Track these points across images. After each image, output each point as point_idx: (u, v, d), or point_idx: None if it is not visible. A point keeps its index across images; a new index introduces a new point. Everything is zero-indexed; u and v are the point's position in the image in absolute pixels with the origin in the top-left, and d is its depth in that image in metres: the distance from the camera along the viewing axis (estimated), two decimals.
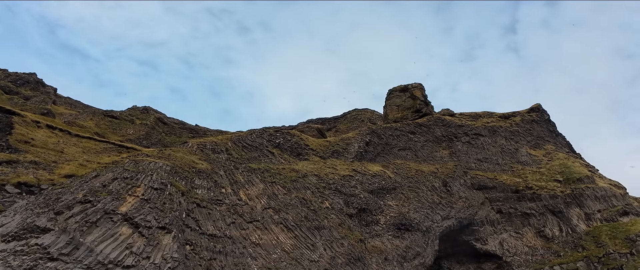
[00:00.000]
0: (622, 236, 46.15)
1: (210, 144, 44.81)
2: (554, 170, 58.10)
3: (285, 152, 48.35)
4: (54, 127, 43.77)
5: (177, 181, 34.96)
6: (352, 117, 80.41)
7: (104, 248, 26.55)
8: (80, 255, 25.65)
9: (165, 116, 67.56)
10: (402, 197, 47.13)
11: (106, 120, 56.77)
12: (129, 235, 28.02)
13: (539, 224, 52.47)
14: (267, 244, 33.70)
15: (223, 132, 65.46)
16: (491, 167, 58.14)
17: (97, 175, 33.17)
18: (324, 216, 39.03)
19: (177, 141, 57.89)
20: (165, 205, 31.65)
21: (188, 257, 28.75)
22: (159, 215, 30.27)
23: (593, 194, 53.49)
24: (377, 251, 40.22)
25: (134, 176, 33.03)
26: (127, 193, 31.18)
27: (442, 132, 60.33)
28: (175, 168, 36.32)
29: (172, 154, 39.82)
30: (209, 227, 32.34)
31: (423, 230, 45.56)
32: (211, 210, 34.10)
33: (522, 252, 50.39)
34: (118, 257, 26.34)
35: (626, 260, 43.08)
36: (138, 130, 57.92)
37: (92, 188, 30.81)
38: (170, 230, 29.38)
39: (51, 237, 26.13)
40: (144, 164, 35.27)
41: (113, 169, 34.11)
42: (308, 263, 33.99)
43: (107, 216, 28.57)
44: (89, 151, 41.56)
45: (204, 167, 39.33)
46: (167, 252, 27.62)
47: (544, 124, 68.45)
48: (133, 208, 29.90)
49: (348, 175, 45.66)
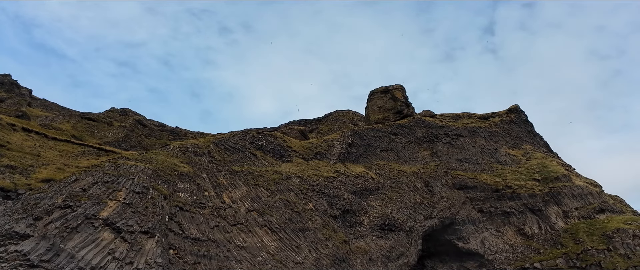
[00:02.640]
0: (599, 233, 47.73)
1: (192, 146, 44.55)
2: (533, 170, 59.72)
3: (268, 154, 48.46)
4: (30, 130, 42.84)
5: (159, 185, 34.75)
6: (334, 119, 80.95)
7: (85, 254, 26.30)
8: (61, 261, 25.36)
9: (144, 118, 66.69)
10: (385, 198, 47.84)
11: (83, 122, 55.70)
12: (111, 241, 27.82)
13: (519, 222, 53.87)
14: (251, 247, 33.83)
15: (204, 134, 65.05)
16: (471, 167, 59.42)
17: (76, 180, 32.74)
18: (308, 218, 39.37)
19: (157, 144, 57.27)
20: (148, 209, 31.48)
21: (172, 262, 28.68)
22: (142, 220, 30.11)
23: (570, 192, 55.13)
24: (361, 252, 40.79)
25: (115, 180, 32.73)
26: (108, 197, 30.91)
27: (423, 133, 61.39)
28: (156, 171, 36.07)
29: (154, 157, 39.51)
30: (192, 231, 32.29)
31: (406, 230, 46.35)
32: (194, 214, 34.05)
33: (503, 250, 51.70)
34: (100, 263, 26.14)
35: (603, 256, 44.62)
36: (117, 133, 57.03)
37: (71, 193, 30.44)
38: (153, 235, 29.28)
39: (31, 244, 25.77)
40: (124, 168, 34.96)
41: (93, 172, 33.72)
42: (293, 265, 34.27)
43: (88, 221, 28.30)
44: (66, 155, 40.81)
45: (186, 170, 39.16)
46: (150, 257, 27.53)
47: (522, 125, 70.31)
48: (114, 213, 29.68)
49: (331, 177, 46.10)
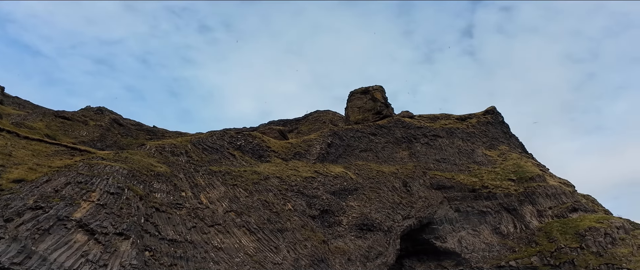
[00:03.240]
0: (572, 231, 49.22)
1: (169, 146, 44.04)
2: (508, 170, 61.18)
3: (247, 154, 48.30)
4: (1, 129, 41.67)
5: (135, 185, 34.29)
6: (313, 119, 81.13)
7: (58, 256, 25.78)
8: (33, 264, 24.80)
9: (121, 117, 65.42)
10: (364, 198, 48.28)
11: (57, 121, 54.31)
12: (84, 243, 27.34)
13: (495, 221, 55.10)
14: (229, 248, 33.69)
15: (182, 134, 64.32)
16: (449, 168, 60.48)
17: (48, 180, 32.02)
18: (286, 218, 39.43)
19: (134, 143, 56.31)
20: (123, 210, 31.05)
21: (148, 264, 28.35)
22: (116, 221, 29.69)
23: (544, 192, 56.66)
24: (340, 252, 41.07)
25: (89, 180, 32.16)
26: (82, 198, 30.36)
27: (402, 133, 62.17)
28: (132, 171, 35.57)
29: (129, 157, 38.93)
30: (169, 232, 31.97)
31: (384, 230, 46.87)
32: (171, 215, 33.72)
33: (479, 249, 52.82)
34: (73, 265, 25.66)
35: (576, 254, 46.03)
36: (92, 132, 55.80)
37: (43, 193, 29.78)
38: (128, 236, 28.89)
39: (1, 246, 25.12)
40: (99, 168, 34.37)
41: (66, 173, 33.02)
42: (271, 266, 34.29)
43: (61, 223, 27.75)
44: (39, 154, 39.82)
45: (162, 170, 38.72)
46: (125, 259, 27.17)
47: (499, 126, 71.95)
48: (88, 214, 29.18)
49: (310, 177, 46.26)
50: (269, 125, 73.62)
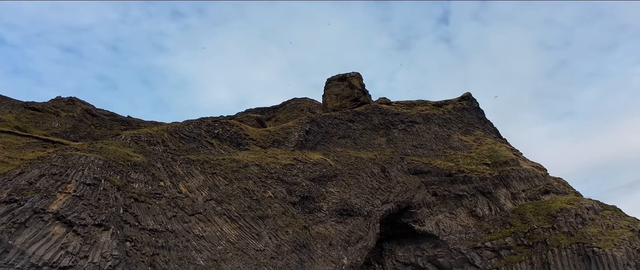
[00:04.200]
0: (544, 213, 51.30)
1: (145, 135, 43.70)
2: (483, 155, 63.04)
3: (225, 143, 48.37)
4: None
5: (112, 176, 34.08)
6: (291, 107, 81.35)
7: (36, 249, 25.62)
8: (10, 258, 24.60)
9: (93, 107, 64.10)
10: (343, 184, 49.19)
11: (27, 112, 52.88)
12: (62, 235, 27.21)
13: (471, 204, 56.94)
14: (211, 236, 34.03)
15: (158, 123, 63.55)
16: (426, 153, 61.95)
17: (21, 173, 31.47)
18: (267, 205, 39.94)
19: (108, 134, 55.43)
20: (100, 201, 30.90)
21: (129, 254, 28.47)
22: (94, 212, 29.58)
23: (518, 175, 58.67)
24: (321, 237, 41.92)
25: (64, 172, 31.79)
26: (57, 190, 30.05)
27: (380, 120, 63.19)
28: (108, 162, 35.27)
29: (104, 147, 38.53)
30: (149, 222, 32.05)
31: (364, 215, 47.98)
32: (150, 205, 33.75)
33: (456, 231, 54.62)
34: (53, 258, 25.57)
35: (549, 234, 48.10)
36: (64, 124, 54.62)
37: (17, 186, 29.32)
38: (107, 227, 28.87)
39: None
40: (73, 159, 33.93)
41: (39, 165, 32.48)
42: (254, 252, 34.84)
43: (37, 216, 27.49)
44: (9, 147, 38.97)
45: (139, 160, 38.52)
46: (106, 250, 27.22)
47: (474, 112, 73.77)
48: (65, 206, 28.96)
49: (289, 164, 46.78)
50: (247, 114, 73.51)
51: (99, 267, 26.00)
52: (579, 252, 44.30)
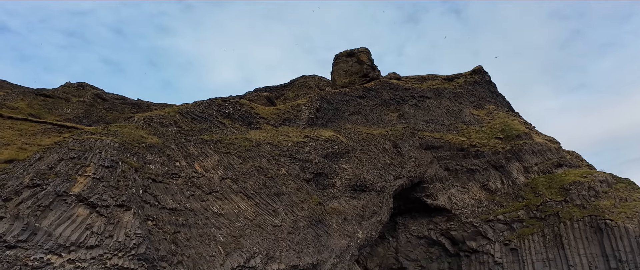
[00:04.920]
0: (557, 186, 51.71)
1: (157, 117, 44.41)
2: (495, 129, 63.20)
3: (236, 122, 49.03)
4: None
5: (128, 158, 34.94)
6: (299, 84, 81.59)
7: (62, 231, 26.73)
8: (39, 240, 25.74)
9: (103, 92, 64.94)
10: (356, 160, 49.90)
11: (39, 99, 53.80)
12: (86, 216, 28.28)
13: (483, 178, 57.52)
14: (229, 213, 35.07)
15: (168, 105, 64.40)
16: (437, 128, 62.26)
17: (40, 158, 32.45)
18: (281, 182, 40.85)
19: (120, 117, 56.40)
20: (120, 182, 31.85)
21: (152, 233, 29.57)
22: (115, 194, 30.56)
23: (530, 149, 58.86)
24: (336, 212, 42.94)
25: (82, 155, 32.71)
26: (77, 173, 31.00)
27: (390, 95, 63.37)
28: (123, 144, 36.08)
29: (119, 130, 39.35)
30: (168, 202, 33.06)
31: (377, 190, 48.84)
32: (168, 185, 34.72)
33: (469, 205, 55.41)
34: (79, 238, 26.68)
35: (561, 207, 48.64)
36: (76, 109, 55.56)
37: (38, 171, 30.30)
38: (129, 208, 29.87)
39: (4, 225, 25.88)
40: (89, 142, 34.81)
41: (57, 149, 33.41)
42: (271, 228, 35.93)
43: (60, 198, 28.52)
44: (26, 134, 40.00)
45: (154, 142, 39.34)
46: (129, 229, 28.28)
47: (486, 85, 73.52)
48: (86, 188, 29.95)
49: (301, 142, 47.46)
50: (256, 92, 73.91)
51: (124, 246, 27.11)
52: (591, 225, 44.84)
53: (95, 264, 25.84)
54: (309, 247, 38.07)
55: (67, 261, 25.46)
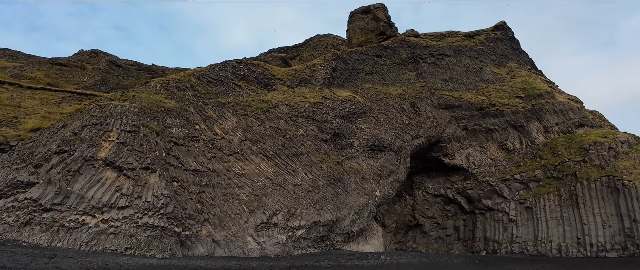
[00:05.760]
0: (576, 146, 51.75)
1: (174, 81, 45.48)
2: (517, 88, 62.68)
3: (252, 84, 49.87)
4: (3, 82, 43.07)
5: (149, 122, 36.37)
6: (314, 44, 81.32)
7: (94, 193, 28.58)
8: (72, 202, 27.63)
9: (117, 58, 66.02)
10: (373, 120, 50.72)
11: (55, 68, 55.20)
12: (115, 179, 30.07)
13: (502, 138, 57.80)
14: (250, 174, 36.66)
15: (183, 69, 65.27)
16: (457, 87, 62.08)
17: (64, 125, 34.07)
18: (300, 143, 42.13)
19: (136, 83, 57.56)
20: (143, 146, 33.44)
21: (178, 193, 31.31)
22: (140, 157, 32.20)
23: (552, 108, 58.42)
24: (354, 172, 44.30)
25: (103, 122, 34.20)
26: (101, 139, 32.61)
27: (408, 54, 63.05)
28: (143, 109, 37.41)
29: (137, 95, 40.59)
30: (191, 163, 34.67)
31: (395, 150, 49.88)
32: (190, 147, 36.26)
33: (486, 164, 56.13)
34: (110, 199, 28.53)
35: (579, 167, 48.87)
36: (92, 76, 56.97)
37: (63, 138, 31.98)
38: (154, 170, 31.56)
39: (39, 190, 27.77)
40: (110, 109, 36.23)
41: (79, 116, 34.94)
42: (292, 187, 37.53)
43: (88, 163, 30.26)
44: (47, 103, 41.58)
45: (172, 106, 40.63)
46: (156, 190, 30.02)
47: (508, 42, 72.19)
48: (112, 152, 31.62)
49: (318, 103, 48.31)
50: (270, 53, 74.12)
51: (153, 205, 28.90)
52: (609, 185, 45.11)
53: (128, 223, 27.76)
54: (329, 205, 39.78)
55: (101, 221, 27.40)
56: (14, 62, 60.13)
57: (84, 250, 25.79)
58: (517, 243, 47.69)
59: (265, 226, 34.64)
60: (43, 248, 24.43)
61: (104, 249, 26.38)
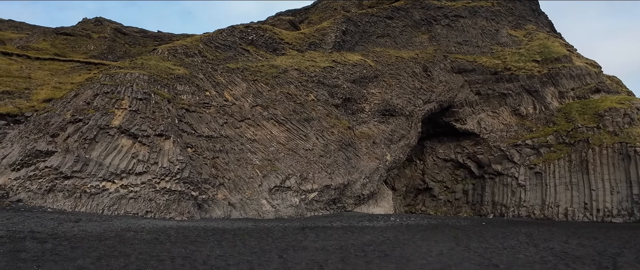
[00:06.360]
0: (591, 112, 51.95)
1: (181, 47, 46.09)
2: (533, 51, 62.32)
3: (261, 49, 50.38)
4: (10, 54, 44.01)
5: (159, 89, 37.37)
6: (323, 7, 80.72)
7: (112, 160, 30.03)
8: (91, 170, 29.12)
9: (122, 26, 66.41)
10: (384, 85, 51.37)
11: (61, 38, 55.94)
12: (131, 146, 31.44)
13: (515, 103, 58.15)
14: (262, 139, 37.97)
15: (189, 35, 65.70)
16: (471, 50, 61.97)
17: (76, 95, 35.15)
18: (311, 108, 43.14)
19: (143, 51, 58.23)
20: (156, 113, 34.60)
21: (192, 158, 32.72)
22: (153, 124, 33.42)
23: (569, 72, 58.24)
24: (365, 136, 45.46)
25: (114, 90, 35.21)
26: (114, 107, 33.73)
27: (421, 15, 62.72)
28: (152, 76, 38.31)
29: (145, 63, 41.39)
30: (203, 129, 35.93)
31: (406, 115, 50.75)
32: (201, 114, 37.43)
33: (497, 130, 56.87)
34: (128, 166, 29.98)
35: (592, 133, 49.24)
36: (99, 45, 57.73)
37: (77, 107, 33.14)
38: (168, 136, 32.84)
39: (58, 158, 29.23)
40: (119, 77, 37.16)
41: (90, 86, 35.89)
42: (304, 152, 38.87)
43: (103, 131, 31.55)
44: (57, 73, 42.66)
45: (182, 73, 41.52)
46: (171, 156, 31.41)
47: (526, 3, 70.97)
48: (125, 120, 32.85)
49: (329, 67, 48.91)
50: (278, 17, 74.01)
51: (170, 171, 30.37)
52: (620, 152, 45.51)
53: (146, 188, 29.31)
54: (340, 169, 41.19)
55: (121, 186, 28.97)
56: (19, 33, 60.97)
57: (106, 214, 27.44)
58: (524, 207, 49.06)
59: (279, 190, 36.24)
60: (68, 213, 26.06)
61: (126, 213, 28.03)
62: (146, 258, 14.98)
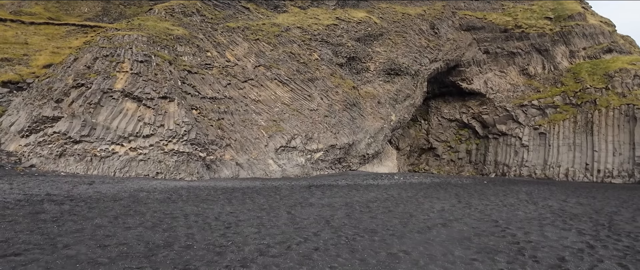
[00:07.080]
0: (601, 72, 52.23)
1: (178, 6, 46.15)
2: (546, 7, 61.70)
3: (261, 6, 50.55)
4: (4, 20, 44.27)
5: (159, 51, 37.96)
6: None
7: (118, 123, 31.30)
8: (99, 134, 30.46)
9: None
10: (390, 43, 51.91)
11: (53, 2, 55.94)
12: (136, 109, 32.63)
13: (524, 62, 58.40)
14: (266, 100, 39.16)
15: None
16: (481, 6, 61.62)
17: (76, 59, 35.74)
18: (315, 68, 44.05)
19: (139, 12, 58.39)
20: (158, 75, 35.53)
21: (198, 120, 34.03)
22: (156, 86, 34.44)
23: (581, 31, 57.79)
24: (370, 96, 46.57)
25: (114, 53, 35.76)
26: (115, 70, 34.50)
27: None
28: (151, 38, 38.67)
29: (142, 24, 41.68)
30: (207, 91, 37.04)
31: (412, 74, 51.57)
32: (204, 75, 38.41)
33: (504, 90, 57.61)
34: (135, 129, 31.29)
35: (600, 94, 49.62)
36: (93, 7, 57.68)
37: (78, 72, 33.92)
38: (172, 99, 33.97)
39: (65, 123, 30.47)
40: (117, 39, 37.59)
41: (89, 49, 36.31)
42: (308, 112, 40.15)
43: (107, 95, 32.60)
44: (53, 37, 43.17)
45: (181, 33, 41.99)
46: (177, 118, 32.69)
47: None
48: (128, 83, 33.80)
49: (332, 25, 49.31)
50: None
51: (176, 133, 31.74)
52: (627, 113, 46.08)
53: (155, 150, 30.79)
54: (345, 129, 42.63)
55: (130, 149, 30.42)
56: None
57: (118, 176, 29.01)
58: (526, 167, 50.67)
59: (285, 150, 37.85)
60: (81, 176, 27.61)
61: (137, 175, 29.62)
62: (160, 216, 16.20)
